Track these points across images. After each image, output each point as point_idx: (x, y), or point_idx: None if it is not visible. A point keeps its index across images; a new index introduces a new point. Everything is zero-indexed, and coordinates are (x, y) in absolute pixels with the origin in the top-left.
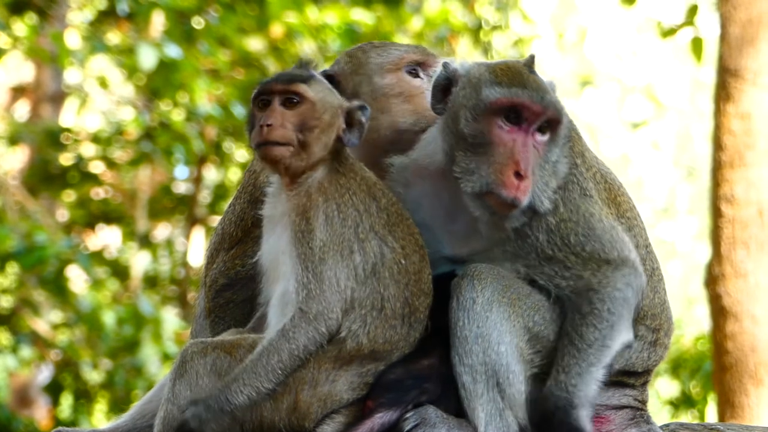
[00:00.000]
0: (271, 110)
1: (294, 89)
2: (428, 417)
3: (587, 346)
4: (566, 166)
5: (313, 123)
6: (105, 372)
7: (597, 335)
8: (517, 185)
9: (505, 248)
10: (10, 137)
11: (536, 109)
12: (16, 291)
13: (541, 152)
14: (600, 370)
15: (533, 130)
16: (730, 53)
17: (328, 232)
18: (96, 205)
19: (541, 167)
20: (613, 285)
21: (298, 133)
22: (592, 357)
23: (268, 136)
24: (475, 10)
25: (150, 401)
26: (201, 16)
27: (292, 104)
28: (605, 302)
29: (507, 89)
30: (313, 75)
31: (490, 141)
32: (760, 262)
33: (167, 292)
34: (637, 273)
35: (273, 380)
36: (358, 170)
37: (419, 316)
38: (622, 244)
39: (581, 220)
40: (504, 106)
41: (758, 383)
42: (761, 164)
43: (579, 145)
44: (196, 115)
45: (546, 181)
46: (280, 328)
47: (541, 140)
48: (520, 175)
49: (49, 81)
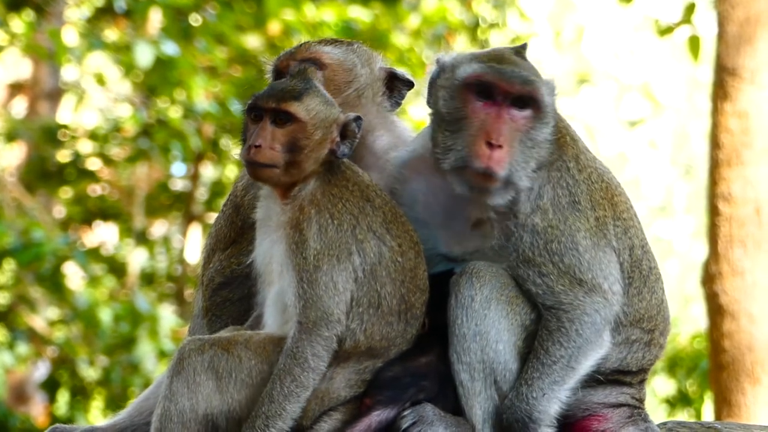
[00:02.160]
0: (261, 129)
1: (285, 108)
2: (426, 415)
3: (552, 362)
4: (548, 151)
5: (302, 143)
6: (101, 369)
7: (563, 353)
8: (489, 155)
9: (492, 246)
10: (8, 134)
11: (506, 83)
12: (12, 287)
13: (522, 127)
14: (563, 390)
15: (507, 104)
16: (728, 52)
17: (323, 240)
18: (93, 202)
19: (521, 142)
20: (582, 309)
21: (287, 153)
22: (556, 375)
23: (255, 157)
24: (473, 7)
25: (147, 398)
26: (198, 14)
27: (283, 123)
28: (574, 323)
29: (479, 65)
30: (308, 88)
31: (465, 116)
32: (757, 261)
33: (164, 289)
34: (607, 303)
35: (295, 402)
36: (350, 176)
37: (416, 313)
38: (599, 270)
39: (567, 231)
40: (475, 81)
41: (755, 382)
42: (758, 163)
43: (574, 149)
44: (194, 112)
45: (526, 157)
46: (285, 350)
47: (521, 115)
48: (492, 144)
49: (46, 78)
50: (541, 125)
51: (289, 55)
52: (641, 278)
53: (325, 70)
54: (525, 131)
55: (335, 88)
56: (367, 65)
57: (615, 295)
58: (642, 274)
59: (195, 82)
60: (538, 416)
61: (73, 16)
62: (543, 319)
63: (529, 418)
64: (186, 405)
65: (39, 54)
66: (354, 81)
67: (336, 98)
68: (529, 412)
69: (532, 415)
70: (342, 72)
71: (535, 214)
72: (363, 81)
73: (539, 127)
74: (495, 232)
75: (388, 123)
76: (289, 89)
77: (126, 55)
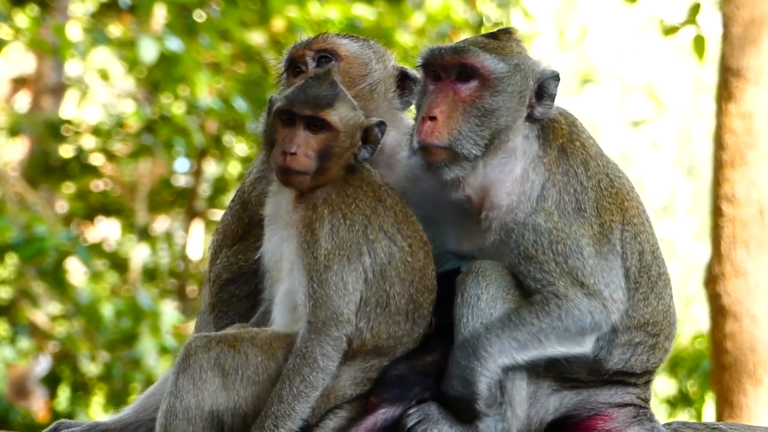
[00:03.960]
0: (294, 135)
1: (321, 116)
2: (431, 413)
3: (519, 323)
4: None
5: (334, 150)
6: (103, 364)
7: (534, 322)
8: (424, 129)
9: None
10: (11, 128)
11: (442, 59)
12: (15, 282)
13: (467, 98)
14: (514, 353)
15: (452, 80)
16: (733, 52)
17: (334, 240)
18: (96, 198)
19: (466, 112)
20: (576, 304)
21: (319, 160)
22: (517, 334)
23: (290, 164)
24: (477, 6)
25: (153, 394)
26: (202, 10)
27: (317, 130)
28: (560, 309)
29: (426, 50)
30: (338, 94)
31: (422, 101)
32: (760, 262)
33: (166, 285)
34: (605, 310)
35: (304, 402)
36: (365, 176)
37: (423, 312)
38: (601, 276)
39: (573, 235)
40: (423, 64)
41: (757, 383)
42: (762, 164)
43: (583, 154)
44: (197, 108)
45: (472, 126)
46: (294, 349)
47: (465, 87)
48: (427, 119)
49: (50, 73)
50: (491, 94)
51: (305, 45)
52: (649, 283)
53: (340, 62)
54: (470, 101)
55: (350, 81)
56: (381, 62)
57: (615, 303)
58: (650, 279)
59: (198, 78)
60: (482, 356)
61: (77, 12)
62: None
63: (474, 351)
64: (192, 402)
65: (43, 49)
66: (368, 76)
67: (349, 91)
68: (475, 346)
69: (477, 350)
70: (357, 65)
71: (538, 215)
72: (377, 77)
73: (487, 96)
74: (493, 228)
75: (397, 121)
76: (323, 95)
77: (130, 51)
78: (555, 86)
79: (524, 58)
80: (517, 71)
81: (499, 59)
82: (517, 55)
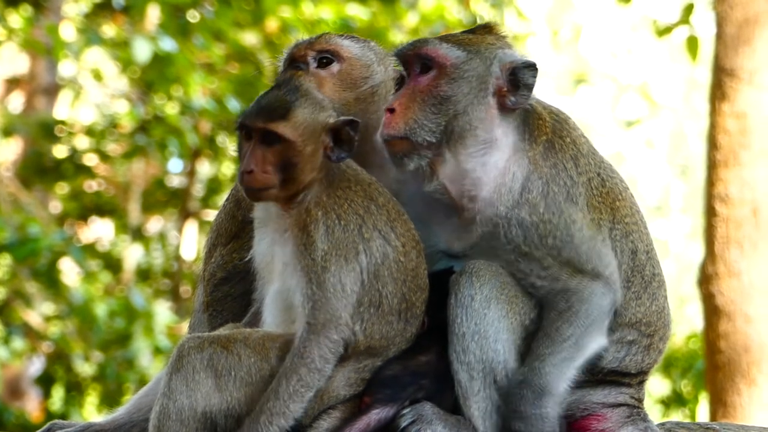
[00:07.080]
0: (251, 152)
1: (272, 129)
2: (425, 413)
3: (563, 340)
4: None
5: (294, 160)
6: (97, 364)
7: (573, 331)
8: (384, 122)
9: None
10: (4, 129)
11: (404, 55)
12: (8, 283)
13: (425, 88)
14: (572, 369)
15: (416, 73)
16: (726, 52)
17: (330, 241)
18: (89, 198)
19: (422, 101)
20: (591, 290)
21: (280, 173)
22: (566, 352)
23: (250, 183)
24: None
25: (146, 395)
26: (196, 10)
27: (271, 141)
28: (583, 303)
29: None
30: (295, 100)
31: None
32: (753, 262)
33: (159, 285)
34: (611, 289)
35: (299, 401)
36: (351, 176)
37: (416, 312)
38: (599, 259)
39: (562, 224)
40: (398, 58)
41: (750, 383)
42: (756, 164)
43: (572, 150)
44: (191, 108)
45: (426, 113)
46: (292, 349)
47: (426, 78)
48: (387, 111)
49: (43, 73)
50: (447, 81)
51: (307, 44)
52: (642, 283)
53: (342, 64)
54: (428, 91)
55: (351, 83)
56: (382, 64)
57: (615, 283)
58: (644, 279)
59: (192, 78)
60: (549, 389)
61: (70, 12)
62: (550, 303)
63: (543, 390)
64: (185, 403)
65: (36, 49)
66: (370, 78)
67: (350, 93)
68: (543, 385)
69: (546, 388)
70: (359, 67)
71: (521, 208)
72: (378, 79)
73: (443, 84)
74: (477, 222)
75: None
76: (275, 106)
77: (123, 51)
78: (531, 76)
79: (491, 47)
80: (476, 57)
81: (456, 47)
82: (482, 45)
